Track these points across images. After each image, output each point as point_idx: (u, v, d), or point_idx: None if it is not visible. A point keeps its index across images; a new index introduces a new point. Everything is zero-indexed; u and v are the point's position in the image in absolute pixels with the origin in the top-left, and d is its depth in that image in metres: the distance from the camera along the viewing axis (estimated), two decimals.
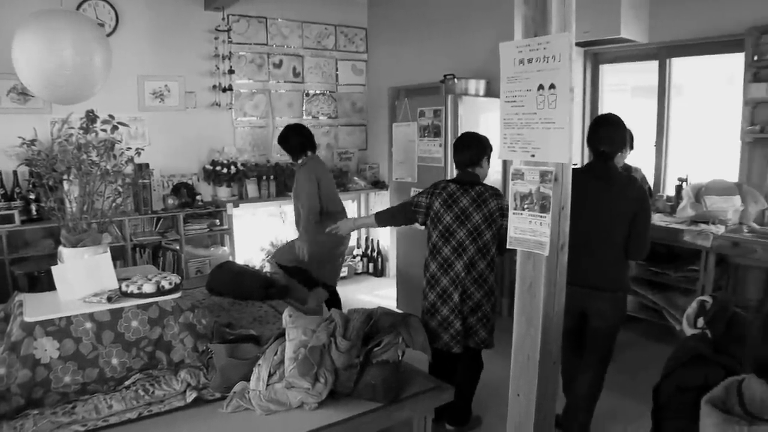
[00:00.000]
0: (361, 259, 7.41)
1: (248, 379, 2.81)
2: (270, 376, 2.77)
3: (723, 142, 5.08)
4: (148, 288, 3.06)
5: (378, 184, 7.32)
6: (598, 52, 5.88)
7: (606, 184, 3.22)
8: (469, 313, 3.41)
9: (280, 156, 6.76)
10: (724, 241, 4.42)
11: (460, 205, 3.43)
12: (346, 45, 7.36)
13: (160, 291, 3.09)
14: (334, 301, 4.98)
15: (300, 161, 4.92)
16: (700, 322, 1.97)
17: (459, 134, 5.00)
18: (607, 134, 3.27)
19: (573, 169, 3.37)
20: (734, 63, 4.83)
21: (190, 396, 2.80)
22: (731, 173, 5.00)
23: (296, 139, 4.87)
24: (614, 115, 3.36)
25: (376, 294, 6.51)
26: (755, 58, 4.68)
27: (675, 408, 1.86)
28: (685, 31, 5.13)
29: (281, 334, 2.97)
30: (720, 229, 4.53)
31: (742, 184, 4.86)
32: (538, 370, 2.31)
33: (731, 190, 4.77)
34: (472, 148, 3.59)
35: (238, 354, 2.96)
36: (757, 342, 1.39)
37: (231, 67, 6.42)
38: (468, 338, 3.44)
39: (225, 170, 6.20)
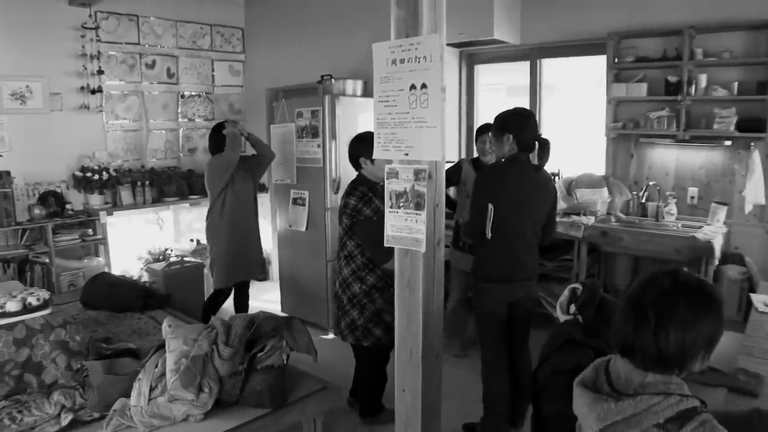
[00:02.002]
0: None
1: (128, 396, 2.68)
2: (151, 390, 2.65)
3: (591, 138, 5.39)
4: (12, 306, 2.86)
5: (258, 187, 7.14)
6: (473, 53, 6.08)
7: (531, 176, 3.34)
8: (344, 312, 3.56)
9: (155, 160, 6.51)
10: (594, 231, 4.70)
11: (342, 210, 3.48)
12: (223, 45, 7.18)
13: (27, 308, 2.89)
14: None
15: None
16: (572, 308, 2.07)
17: (336, 134, 5.05)
18: (533, 125, 3.37)
19: (493, 164, 3.47)
20: (599, 64, 5.14)
21: (66, 419, 2.63)
22: (599, 167, 5.32)
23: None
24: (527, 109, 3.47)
25: (260, 298, 6.39)
26: (616, 60, 5.01)
27: (551, 391, 1.95)
28: (554, 33, 5.42)
29: (161, 346, 2.86)
30: (590, 220, 4.81)
31: (609, 177, 5.19)
32: (422, 365, 2.35)
33: (599, 183, 5.08)
34: (350, 150, 3.62)
35: (116, 369, 2.83)
36: (620, 324, 1.48)
37: (100, 67, 6.09)
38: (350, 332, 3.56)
39: (96, 176, 5.87)
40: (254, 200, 4.97)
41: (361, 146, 3.51)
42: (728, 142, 4.68)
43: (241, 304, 4.99)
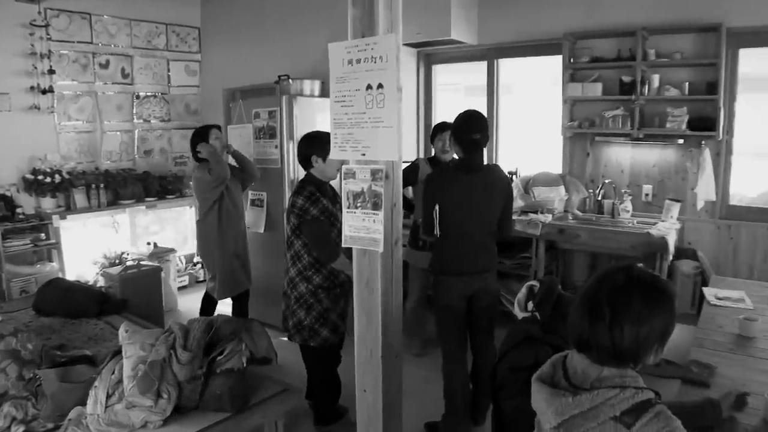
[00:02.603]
0: (202, 266, 7.09)
1: (84, 404, 2.61)
2: (108, 397, 2.59)
3: (548, 137, 5.46)
4: None
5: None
6: (431, 53, 6.11)
7: (481, 175, 3.38)
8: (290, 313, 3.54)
9: (110, 162, 6.38)
10: (552, 229, 4.77)
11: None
12: (179, 45, 7.07)
13: None
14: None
15: None
16: (530, 305, 2.09)
17: (294, 135, 5.01)
18: (479, 125, 3.36)
19: (439, 167, 3.50)
20: (556, 64, 5.21)
21: (17, 431, 2.56)
22: (555, 165, 5.40)
23: None
24: (478, 111, 3.48)
25: (220, 302, 6.32)
26: (571, 60, 5.09)
27: (510, 388, 1.96)
28: (511, 34, 5.48)
29: (118, 352, 2.80)
30: (548, 218, 4.87)
31: (566, 175, 5.26)
32: (382, 364, 2.34)
33: (556, 181, 5.15)
34: (300, 148, 3.58)
35: (70, 377, 2.76)
36: (576, 319, 1.50)
37: (51, 66, 5.93)
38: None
39: (48, 179, 5.71)
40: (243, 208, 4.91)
41: (313, 145, 3.49)
42: (680, 141, 4.80)
43: (244, 314, 4.89)
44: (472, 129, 3.32)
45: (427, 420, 3.76)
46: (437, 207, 3.30)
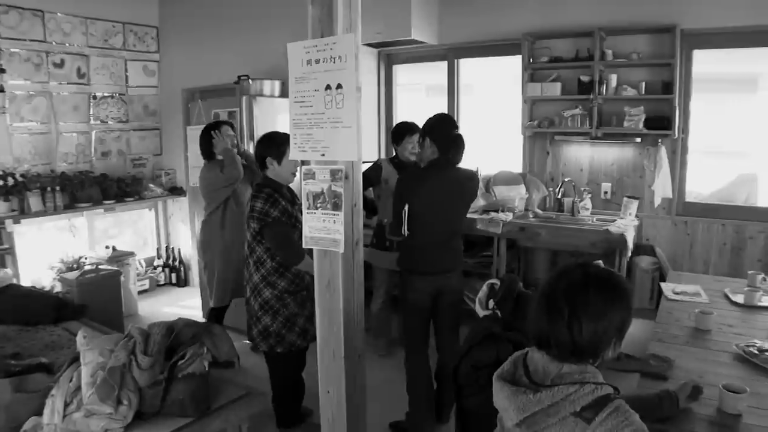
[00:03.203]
0: (163, 270, 7.02)
1: (41, 414, 2.55)
2: (66, 406, 2.53)
3: (508, 136, 5.51)
4: None
5: (176, 191, 6.97)
6: (392, 53, 6.11)
7: (450, 177, 3.44)
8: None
9: (66, 165, 6.23)
10: (513, 227, 4.81)
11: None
12: (136, 44, 6.92)
13: None
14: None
15: None
16: (491, 303, 2.11)
17: (255, 136, 4.96)
18: (455, 126, 3.48)
19: (413, 168, 3.51)
20: (515, 64, 5.26)
21: None
22: (516, 164, 5.45)
23: None
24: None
25: (181, 305, 6.24)
26: (530, 60, 5.15)
27: (472, 386, 1.97)
28: (471, 34, 5.52)
29: (76, 359, 2.73)
30: (508, 216, 4.91)
31: (526, 174, 5.32)
32: (345, 365, 2.34)
33: (517, 180, 5.20)
34: (256, 150, 3.54)
35: (26, 387, 2.70)
36: (535, 317, 1.52)
37: (1, 65, 5.75)
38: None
39: (1, 182, 5.56)
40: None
41: (268, 146, 3.44)
42: (638, 139, 4.89)
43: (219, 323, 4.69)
44: (451, 128, 3.42)
45: (392, 420, 3.77)
46: (407, 206, 3.33)
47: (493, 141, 5.85)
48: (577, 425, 1.40)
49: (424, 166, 3.47)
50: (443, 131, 3.42)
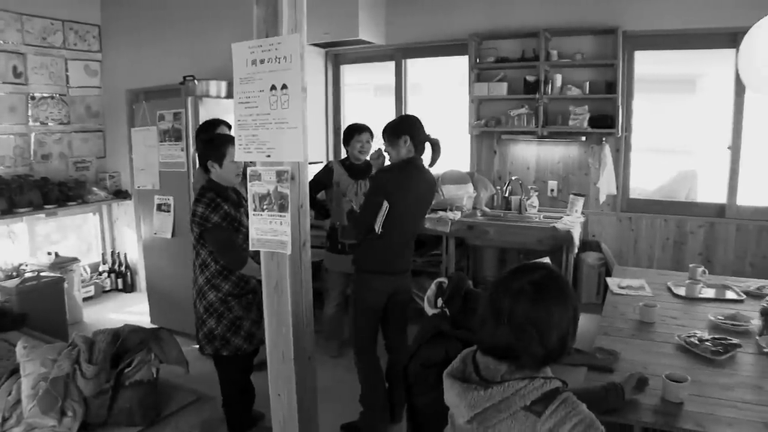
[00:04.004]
0: (109, 275, 6.84)
1: None
2: (5, 421, 2.45)
3: (456, 135, 5.55)
4: None
5: (120, 194, 6.78)
6: (339, 53, 6.10)
7: (423, 177, 3.50)
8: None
9: (3, 168, 6.01)
10: (461, 226, 4.86)
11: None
12: (77, 43, 6.69)
13: None
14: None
15: None
16: (440, 301, 2.12)
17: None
18: (424, 128, 3.50)
19: (391, 165, 3.51)
20: (462, 64, 5.31)
21: None
22: (463, 163, 5.51)
23: None
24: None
25: (128, 311, 6.10)
26: (477, 60, 5.21)
27: (423, 384, 1.99)
28: (418, 34, 5.56)
29: (15, 370, 2.65)
30: (457, 215, 4.96)
31: (474, 173, 5.38)
32: (295, 367, 2.32)
33: (464, 179, 5.26)
34: (198, 150, 3.49)
35: None
36: (482, 326, 1.54)
37: None
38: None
39: None
40: None
41: (208, 149, 3.37)
42: (583, 138, 5.00)
43: None
44: (423, 129, 3.48)
45: (344, 422, 3.76)
46: (386, 204, 3.31)
47: (441, 140, 5.88)
48: (527, 419, 1.43)
49: (398, 164, 3.45)
50: (422, 132, 3.48)
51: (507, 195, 5.28)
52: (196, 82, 5.23)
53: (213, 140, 3.40)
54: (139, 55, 6.60)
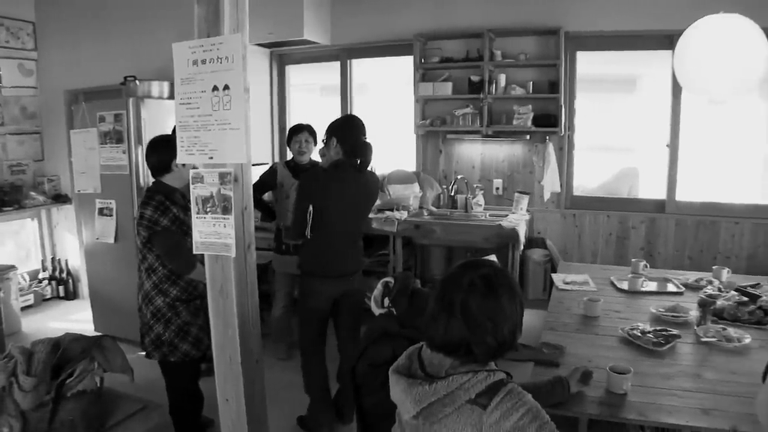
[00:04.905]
0: (49, 283, 6.60)
1: None
2: None
3: (402, 135, 5.59)
4: None
5: (60, 198, 6.55)
6: (284, 54, 6.06)
7: (355, 178, 3.41)
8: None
9: None
10: (408, 225, 4.89)
11: None
12: (10, 41, 6.39)
13: None
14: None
15: None
16: (386, 301, 2.12)
17: (143, 140, 4.78)
18: (358, 131, 3.41)
19: (316, 168, 3.48)
20: (408, 64, 5.34)
21: None
22: (410, 163, 5.54)
23: None
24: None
25: (70, 319, 5.93)
26: (422, 60, 5.24)
27: (371, 384, 1.98)
28: (363, 34, 5.56)
29: None
30: (403, 215, 4.99)
31: (420, 173, 5.42)
32: (242, 370, 2.30)
33: (411, 179, 5.29)
34: (159, 152, 3.39)
35: None
36: (429, 323, 1.54)
37: None
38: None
39: None
40: None
41: (172, 150, 3.30)
42: (527, 137, 5.08)
43: None
44: (362, 131, 3.41)
45: (294, 425, 3.75)
46: (311, 208, 3.30)
47: (387, 140, 5.91)
48: (473, 412, 1.44)
49: (326, 167, 3.45)
50: (352, 135, 3.39)
51: (453, 194, 5.33)
52: (137, 82, 5.10)
53: (174, 141, 3.31)
54: (78, 55, 6.39)
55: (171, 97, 5.26)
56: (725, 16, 3.08)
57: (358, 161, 3.40)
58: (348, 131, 3.41)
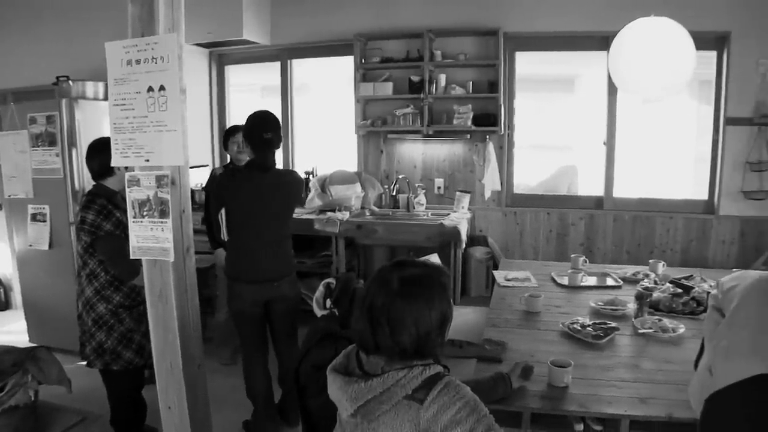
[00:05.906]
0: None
1: None
2: None
3: (343, 135, 5.59)
4: None
5: None
6: (223, 54, 5.99)
7: (272, 175, 3.35)
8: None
9: None
10: (350, 226, 4.88)
11: None
12: None
13: None
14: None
15: None
16: (328, 302, 2.12)
17: (78, 142, 4.65)
18: (270, 125, 3.31)
19: (226, 170, 3.41)
20: (348, 64, 5.33)
21: None
22: (351, 163, 5.54)
23: None
24: (270, 111, 3.41)
25: (2, 330, 5.70)
26: (362, 60, 5.24)
27: (314, 386, 1.97)
28: (303, 34, 5.54)
29: None
30: (345, 215, 4.98)
31: (361, 173, 5.42)
32: (184, 376, 2.25)
33: (352, 179, 5.28)
34: (101, 155, 3.28)
35: None
36: (358, 326, 1.56)
37: None
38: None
39: None
40: None
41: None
42: (467, 136, 5.15)
43: None
44: (263, 128, 3.29)
45: (241, 428, 3.71)
46: (223, 210, 3.28)
47: (329, 141, 5.91)
48: (410, 407, 1.44)
49: (232, 169, 3.43)
50: (255, 131, 3.31)
51: (395, 194, 5.35)
52: (71, 83, 4.94)
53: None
54: (5, 52, 6.13)
55: (107, 98, 5.08)
56: (655, 20, 3.18)
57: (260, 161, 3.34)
58: (250, 130, 3.34)
